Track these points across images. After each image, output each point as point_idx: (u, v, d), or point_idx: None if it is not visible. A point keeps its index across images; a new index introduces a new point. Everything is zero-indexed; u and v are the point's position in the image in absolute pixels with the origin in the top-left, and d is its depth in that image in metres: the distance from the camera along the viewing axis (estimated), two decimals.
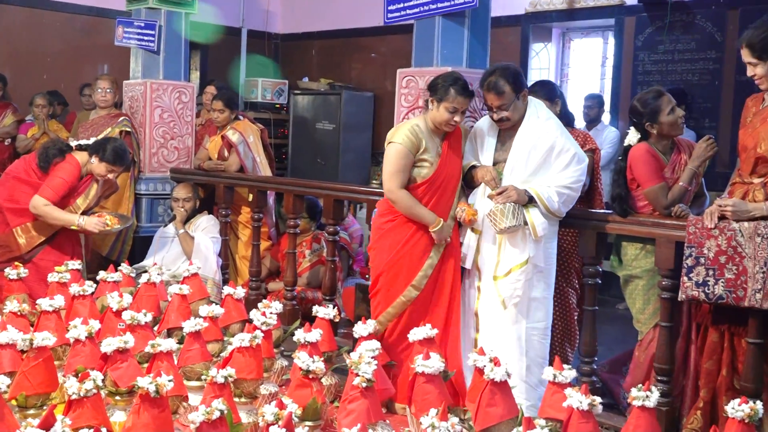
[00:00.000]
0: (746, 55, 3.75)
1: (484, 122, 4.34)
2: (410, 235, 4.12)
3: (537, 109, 4.17)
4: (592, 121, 7.41)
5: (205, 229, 6.23)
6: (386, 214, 4.23)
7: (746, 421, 2.97)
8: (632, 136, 4.39)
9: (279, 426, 2.67)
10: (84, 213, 5.43)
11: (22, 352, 3.73)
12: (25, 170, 5.46)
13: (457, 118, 4.02)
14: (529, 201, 3.95)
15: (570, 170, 4.03)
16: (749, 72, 3.81)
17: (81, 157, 5.40)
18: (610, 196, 4.41)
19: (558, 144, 4.05)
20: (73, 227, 5.32)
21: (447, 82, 3.99)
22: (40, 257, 5.38)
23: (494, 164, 4.16)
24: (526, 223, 3.91)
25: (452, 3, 4.45)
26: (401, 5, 4.68)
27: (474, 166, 4.24)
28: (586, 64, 8.57)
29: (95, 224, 5.36)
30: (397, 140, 4.07)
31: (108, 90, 6.75)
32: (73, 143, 5.59)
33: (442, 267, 4.17)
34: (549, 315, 4.20)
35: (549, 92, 4.74)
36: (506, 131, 4.17)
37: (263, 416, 2.89)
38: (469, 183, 4.30)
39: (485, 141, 4.25)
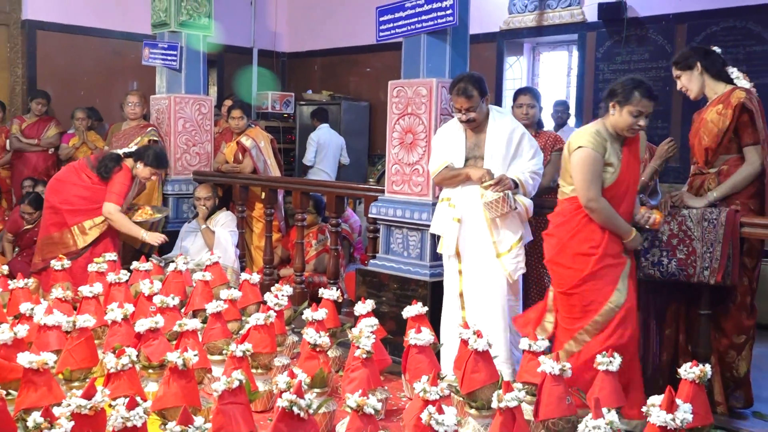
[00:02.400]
0: (674, 72, 3.94)
1: (447, 128, 4.29)
2: (604, 244, 3.45)
3: (497, 110, 4.20)
4: (560, 124, 7.40)
5: (224, 224, 6.23)
6: (569, 227, 3.54)
7: (697, 381, 2.98)
8: (572, 122, 4.49)
9: (291, 392, 2.67)
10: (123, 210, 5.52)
11: (67, 332, 3.76)
12: (78, 176, 5.52)
13: (641, 122, 3.44)
14: (516, 187, 3.98)
15: (537, 158, 4.10)
16: (678, 86, 3.96)
17: (129, 163, 5.49)
18: None
19: (525, 134, 4.12)
20: (139, 237, 5.47)
21: (630, 85, 3.45)
22: (88, 253, 5.40)
23: (466, 161, 4.13)
24: (517, 208, 3.94)
25: (436, 22, 4.44)
26: (391, 25, 4.68)
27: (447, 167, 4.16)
28: (554, 74, 8.56)
29: (156, 238, 5.51)
30: (587, 144, 3.43)
31: (137, 104, 6.75)
32: (120, 152, 5.63)
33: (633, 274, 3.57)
34: (521, 291, 4.21)
35: (539, 98, 4.81)
36: (473, 132, 4.14)
37: (277, 385, 2.89)
38: (446, 186, 4.24)
39: (455, 143, 4.17)
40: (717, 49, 4.04)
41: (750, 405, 3.80)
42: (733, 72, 3.94)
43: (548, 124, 7.13)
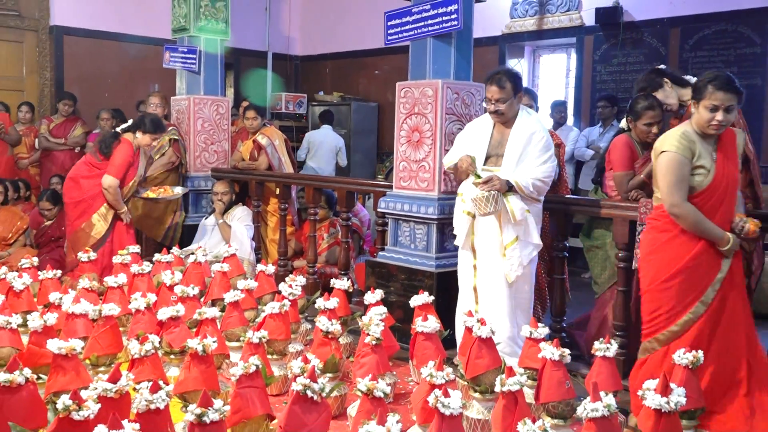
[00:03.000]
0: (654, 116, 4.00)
1: (476, 123, 4.17)
2: (696, 250, 3.16)
3: (527, 111, 4.03)
4: (559, 123, 7.38)
5: (240, 218, 6.24)
6: (663, 230, 3.26)
7: (690, 367, 2.97)
8: (623, 123, 4.42)
9: (305, 377, 2.68)
10: (138, 184, 5.67)
11: (93, 320, 3.77)
12: (87, 168, 5.55)
13: (719, 117, 3.12)
14: (510, 189, 3.79)
15: (547, 165, 3.87)
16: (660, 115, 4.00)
17: (129, 136, 5.51)
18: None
19: (543, 138, 3.90)
20: (120, 212, 5.48)
21: (705, 80, 3.19)
22: (108, 248, 5.44)
23: (488, 158, 3.97)
24: (504, 209, 3.78)
25: (441, 26, 4.43)
26: (399, 29, 4.67)
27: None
28: (553, 75, 8.54)
29: (126, 216, 5.55)
30: (670, 148, 3.18)
31: (158, 105, 6.77)
32: (118, 129, 5.66)
33: (732, 280, 3.24)
34: (532, 286, 4.07)
35: (535, 98, 4.77)
36: (499, 130, 3.99)
37: (291, 369, 2.90)
38: (459, 179, 4.16)
39: (478, 139, 4.03)
40: (662, 66, 4.20)
41: None
42: (689, 77, 4.00)
43: (548, 124, 7.12)
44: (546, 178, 3.86)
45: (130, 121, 5.69)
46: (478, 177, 3.83)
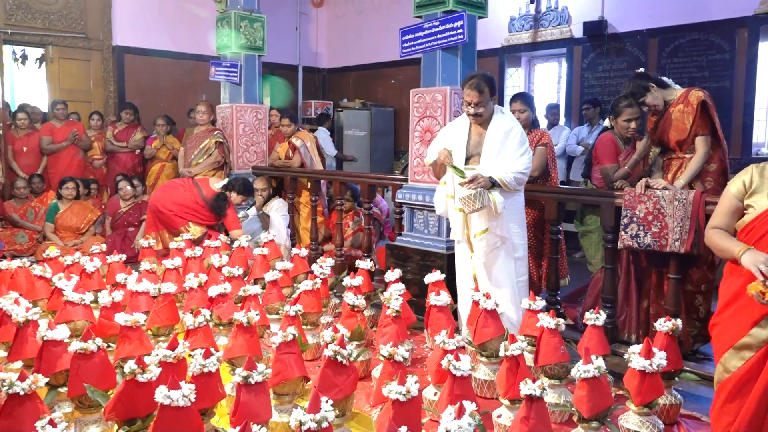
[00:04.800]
0: (632, 113, 4.01)
1: (454, 125, 3.94)
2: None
3: (502, 111, 3.80)
4: (553, 123, 7.31)
5: (278, 209, 6.26)
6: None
7: (670, 333, 2.95)
8: (607, 122, 4.39)
9: (335, 344, 2.68)
10: None
11: (154, 297, 3.80)
12: (186, 193, 5.64)
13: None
14: (493, 185, 3.58)
15: (524, 157, 3.65)
16: (645, 109, 3.95)
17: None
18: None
19: (519, 133, 3.70)
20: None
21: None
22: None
23: (468, 157, 3.75)
24: (489, 203, 3.58)
25: (449, 40, 4.40)
26: (412, 43, 4.64)
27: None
28: (547, 82, 8.45)
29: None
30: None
31: (205, 112, 6.78)
32: (219, 189, 5.67)
33: None
34: (527, 268, 3.89)
35: (530, 102, 4.61)
36: (476, 130, 3.78)
37: (323, 338, 2.91)
38: (437, 175, 3.95)
39: (457, 140, 3.80)
40: (641, 69, 4.12)
41: (707, 341, 3.75)
42: (666, 79, 3.96)
43: (543, 124, 7.06)
44: (525, 169, 3.65)
45: (225, 181, 5.77)
46: (462, 175, 3.62)
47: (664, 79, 3.95)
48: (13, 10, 7.61)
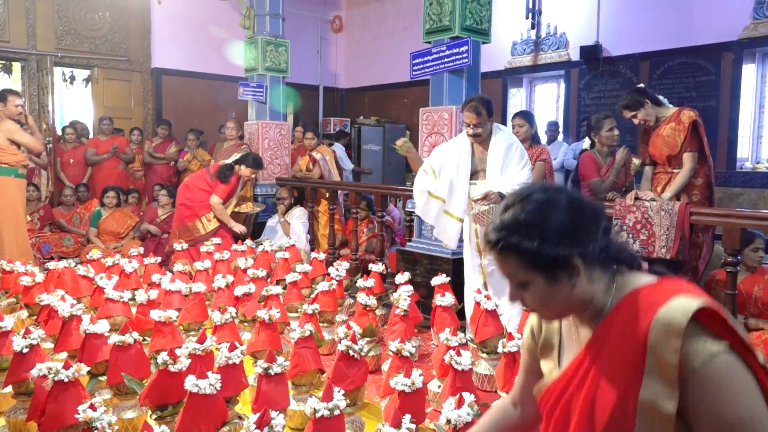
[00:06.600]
0: (627, 115, 3.87)
1: (455, 143, 3.82)
2: None
3: (500, 128, 3.73)
4: (551, 140, 7.29)
5: (298, 216, 6.29)
6: None
7: None
8: (586, 143, 4.42)
9: (347, 340, 2.71)
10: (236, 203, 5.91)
11: (185, 295, 3.84)
12: (205, 181, 5.76)
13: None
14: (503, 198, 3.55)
15: (525, 169, 3.63)
16: (636, 122, 3.90)
17: (236, 168, 5.72)
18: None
19: (519, 148, 3.68)
20: (230, 226, 5.72)
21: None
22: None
23: (474, 173, 3.71)
24: None
25: (454, 63, 4.43)
26: (421, 66, 4.67)
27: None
28: (546, 101, 8.43)
29: (240, 228, 5.76)
30: None
31: (233, 128, 6.86)
32: (230, 161, 5.83)
33: None
34: None
35: (530, 118, 4.60)
36: (478, 148, 3.73)
37: (338, 335, 2.93)
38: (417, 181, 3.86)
39: (460, 159, 3.73)
40: (642, 85, 4.09)
41: None
42: (660, 97, 3.94)
43: (543, 140, 7.05)
44: (528, 179, 3.64)
45: (238, 155, 5.84)
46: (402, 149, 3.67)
47: (660, 97, 3.92)
48: (63, 36, 7.76)
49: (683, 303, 1.09)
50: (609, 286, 1.20)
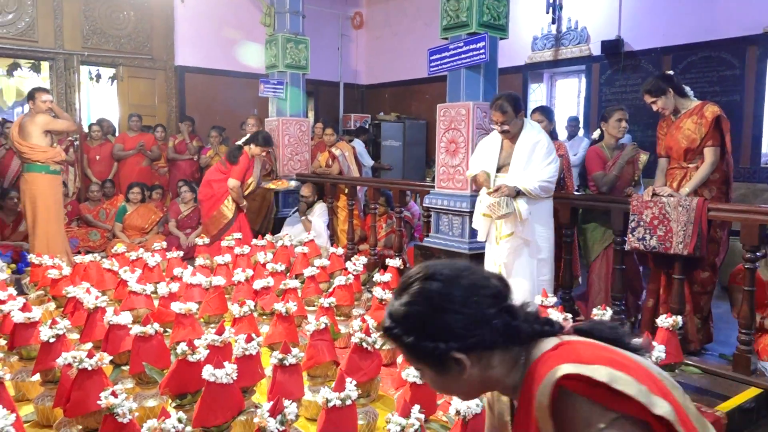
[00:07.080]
0: (648, 99, 3.80)
1: (488, 139, 4.00)
2: None
3: (531, 124, 3.82)
4: (572, 135, 7.25)
5: (320, 214, 6.34)
6: None
7: (670, 329, 2.93)
8: (596, 133, 4.42)
9: (361, 332, 2.74)
10: (257, 185, 6.06)
11: (206, 289, 3.91)
12: (219, 171, 5.90)
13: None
14: (518, 194, 3.66)
15: (550, 167, 3.70)
16: (654, 108, 3.83)
17: (246, 148, 5.83)
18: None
19: (546, 146, 3.73)
20: (241, 205, 5.82)
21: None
22: (235, 227, 5.77)
23: (500, 168, 3.82)
24: (511, 212, 3.65)
25: (472, 59, 4.43)
26: (439, 62, 4.67)
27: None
28: (567, 96, 8.37)
29: (243, 204, 5.87)
30: None
31: (254, 124, 6.93)
32: (240, 142, 5.98)
33: None
34: (552, 270, 3.85)
35: (549, 114, 4.58)
36: (508, 143, 3.83)
37: (353, 327, 2.97)
38: (477, 187, 4.04)
39: (490, 153, 3.88)
40: (671, 72, 3.99)
41: (710, 340, 3.76)
42: (687, 89, 3.86)
43: (563, 136, 7.01)
44: (551, 178, 3.72)
45: (248, 136, 5.95)
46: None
47: (686, 88, 3.84)
48: (89, 35, 7.93)
49: (550, 378, 1.05)
50: (517, 363, 1.16)
